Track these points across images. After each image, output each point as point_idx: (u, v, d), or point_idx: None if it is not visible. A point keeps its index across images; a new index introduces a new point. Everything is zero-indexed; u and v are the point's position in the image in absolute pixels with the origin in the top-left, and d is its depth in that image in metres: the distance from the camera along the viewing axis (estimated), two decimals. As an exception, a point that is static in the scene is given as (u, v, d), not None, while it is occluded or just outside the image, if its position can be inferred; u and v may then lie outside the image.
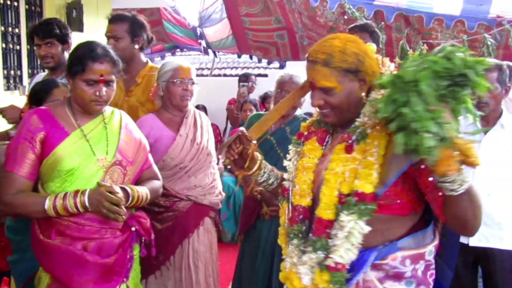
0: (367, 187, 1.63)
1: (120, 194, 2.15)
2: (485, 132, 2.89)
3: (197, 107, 6.90)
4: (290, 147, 2.01)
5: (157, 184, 2.48)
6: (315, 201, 1.79)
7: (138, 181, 2.39)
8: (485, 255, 2.89)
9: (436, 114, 1.44)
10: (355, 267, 1.68)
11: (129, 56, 3.11)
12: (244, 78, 7.32)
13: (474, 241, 2.87)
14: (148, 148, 2.48)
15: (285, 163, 2.00)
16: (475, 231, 1.65)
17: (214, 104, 7.53)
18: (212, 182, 3.08)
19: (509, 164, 2.84)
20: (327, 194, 1.71)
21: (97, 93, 2.16)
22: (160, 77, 2.97)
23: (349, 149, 1.73)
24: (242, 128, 1.97)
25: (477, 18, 5.36)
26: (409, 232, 1.74)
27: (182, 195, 2.91)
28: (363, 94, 1.75)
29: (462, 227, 1.64)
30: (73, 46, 2.39)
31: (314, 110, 1.97)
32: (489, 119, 2.92)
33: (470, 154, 1.45)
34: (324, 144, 1.89)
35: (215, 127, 7.13)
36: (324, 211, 1.71)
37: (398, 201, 1.67)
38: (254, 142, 1.97)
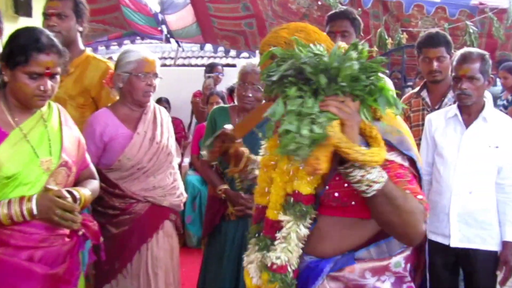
0: (305, 188, 1.66)
1: (70, 199, 2.10)
2: (467, 126, 2.93)
3: (159, 100, 6.84)
4: (262, 142, 2.01)
5: (96, 184, 2.44)
6: None
7: (76, 181, 2.34)
8: (466, 256, 2.94)
9: (318, 112, 1.42)
10: (310, 277, 1.69)
11: (71, 39, 3.02)
12: (210, 69, 7.27)
13: (455, 242, 2.91)
14: (85, 146, 2.43)
15: (258, 158, 2.03)
16: (414, 240, 1.61)
17: (177, 97, 7.47)
18: (173, 183, 3.04)
19: (491, 159, 2.88)
20: (274, 194, 1.75)
21: (42, 88, 2.09)
22: (121, 66, 2.90)
23: None
24: (227, 126, 2.06)
25: (458, 5, 5.44)
26: (371, 241, 1.71)
27: (139, 196, 2.86)
28: None
29: (393, 232, 1.63)
30: (6, 32, 2.30)
31: None
32: (471, 112, 2.96)
33: (349, 153, 1.42)
34: None
35: (178, 122, 7.07)
36: (271, 211, 1.76)
37: (353, 203, 1.65)
38: (238, 140, 2.05)
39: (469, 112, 2.96)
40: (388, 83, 2.63)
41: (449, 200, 2.91)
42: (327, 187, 1.66)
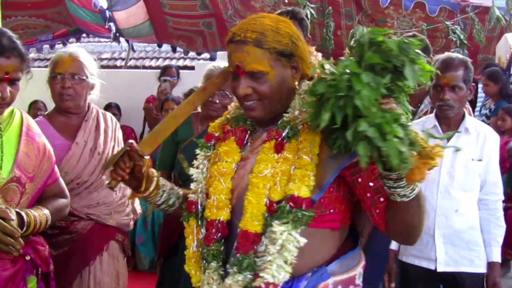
0: (304, 191, 1.64)
1: (15, 222, 2.04)
2: (448, 139, 2.94)
3: (109, 106, 6.74)
4: (197, 151, 1.98)
5: (62, 203, 2.41)
6: (234, 213, 1.79)
7: (39, 199, 2.30)
8: (453, 280, 2.96)
9: (396, 115, 1.48)
10: None
11: None
12: (163, 71, 7.21)
13: (442, 266, 2.92)
14: (53, 158, 2.39)
15: (191, 171, 1.96)
16: (418, 239, 1.74)
17: (129, 102, 7.38)
18: (121, 199, 2.98)
19: (475, 173, 2.91)
20: (254, 202, 1.70)
21: (0, 94, 2.07)
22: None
23: (279, 148, 1.73)
24: (131, 141, 1.86)
25: (439, 1, 5.52)
26: (338, 253, 1.77)
27: (81, 213, 2.81)
28: (296, 83, 1.77)
29: (407, 234, 1.73)
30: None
31: (231, 106, 1.97)
32: (451, 123, 2.98)
33: (436, 159, 1.50)
34: (243, 145, 1.87)
35: (130, 131, 6.98)
36: (251, 223, 1.69)
37: (332, 210, 1.71)
38: (147, 157, 1.85)
39: (448, 123, 2.98)
40: None
41: (434, 221, 2.91)
42: (321, 192, 1.66)
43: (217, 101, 3.21)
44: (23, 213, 2.11)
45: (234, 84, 1.77)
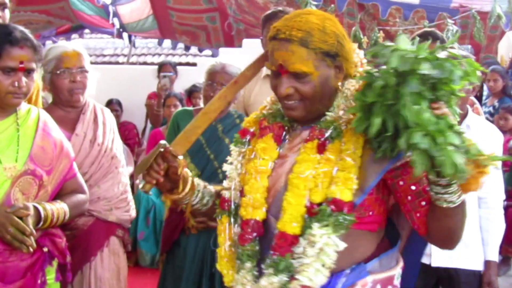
0: (347, 194, 1.60)
1: (32, 217, 2.10)
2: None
3: (110, 102, 6.75)
4: (231, 147, 1.94)
5: (81, 198, 2.45)
6: (270, 212, 1.75)
7: (59, 194, 2.34)
8: (448, 276, 2.97)
9: (449, 121, 1.46)
10: None
11: None
12: (159, 68, 7.20)
13: (437, 261, 2.94)
14: (72, 154, 2.43)
15: (226, 167, 1.92)
16: (458, 243, 1.74)
17: (131, 99, 7.38)
18: (122, 194, 2.99)
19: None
20: (294, 203, 1.66)
21: (16, 84, 2.13)
22: (44, 67, 2.87)
23: (321, 149, 1.70)
24: (163, 142, 1.81)
25: (438, 8, 5.54)
26: (376, 252, 1.75)
27: None
28: (339, 83, 1.73)
29: (449, 240, 1.73)
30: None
31: (266, 101, 1.93)
32: (455, 119, 3.00)
33: (488, 166, 1.48)
34: (280, 143, 1.84)
35: (131, 127, 6.99)
36: (289, 224, 1.65)
37: (370, 213, 1.69)
38: (181, 157, 1.82)
39: (452, 121, 3.00)
40: None
41: None
42: (364, 196, 1.64)
43: None
44: (40, 207, 2.16)
45: (276, 82, 1.73)
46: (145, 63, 11.19)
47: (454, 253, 2.90)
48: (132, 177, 5.37)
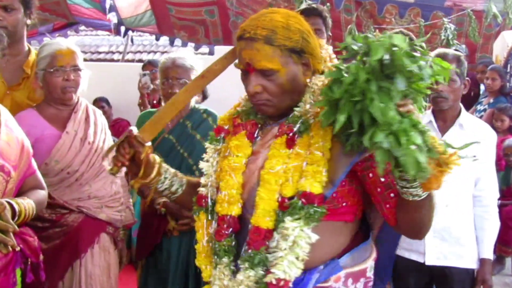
0: (316, 187, 1.64)
1: (8, 215, 2.05)
2: (442, 133, 2.99)
3: (97, 100, 6.73)
4: (207, 144, 1.98)
5: (43, 194, 2.41)
6: (245, 208, 1.79)
7: (20, 191, 2.30)
8: (442, 274, 2.98)
9: (413, 120, 1.48)
10: None
11: (19, 35, 2.97)
12: (143, 67, 7.14)
13: (430, 260, 2.95)
14: (31, 150, 2.39)
15: (201, 164, 1.97)
16: (426, 235, 1.78)
17: (126, 96, 7.34)
18: (115, 194, 2.99)
19: (469, 169, 2.94)
20: (266, 198, 1.70)
21: None
22: (37, 64, 2.87)
23: (290, 143, 1.74)
24: (132, 127, 1.92)
25: (432, 7, 5.57)
26: (350, 246, 1.78)
27: (72, 205, 2.82)
28: (308, 80, 1.77)
29: (417, 231, 1.75)
30: None
31: (240, 98, 1.96)
32: (447, 118, 3.01)
33: (452, 167, 1.50)
34: (253, 139, 1.88)
35: (125, 123, 6.96)
36: (263, 219, 1.70)
37: (344, 204, 1.72)
38: (148, 144, 1.92)
39: (444, 118, 3.01)
40: None
41: None
42: (334, 188, 1.68)
43: (177, 91, 3.12)
44: (13, 203, 2.12)
45: (245, 81, 1.77)
46: (140, 61, 11.16)
47: (447, 252, 2.93)
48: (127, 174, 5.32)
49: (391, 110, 1.46)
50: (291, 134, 1.74)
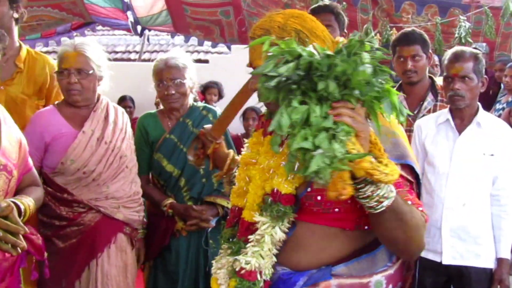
0: (284, 186, 1.68)
1: (16, 216, 2.00)
2: (460, 132, 2.98)
3: (123, 99, 6.78)
4: (246, 141, 2.05)
5: (40, 192, 2.40)
6: None
7: (18, 188, 2.29)
8: (459, 274, 2.97)
9: (326, 124, 1.40)
10: None
11: (5, 28, 2.88)
12: None
13: (447, 259, 2.94)
14: (27, 147, 2.38)
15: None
16: (415, 255, 1.71)
17: (143, 95, 7.38)
18: (134, 195, 2.98)
19: (486, 168, 2.93)
20: (252, 193, 1.79)
21: None
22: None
23: (281, 142, 1.72)
24: (206, 126, 2.34)
25: (449, 3, 5.53)
26: (352, 255, 1.73)
27: (89, 203, 2.81)
28: None
29: (395, 249, 1.70)
30: None
31: None
32: (464, 116, 3.00)
33: (374, 174, 1.42)
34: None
35: (142, 123, 7.02)
36: (248, 212, 1.80)
37: (336, 209, 1.68)
38: (219, 140, 2.32)
39: (462, 117, 3.00)
40: None
41: (441, 214, 2.94)
42: (309, 188, 1.67)
43: (173, 92, 3.15)
44: (18, 202, 2.09)
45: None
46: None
47: (464, 251, 2.92)
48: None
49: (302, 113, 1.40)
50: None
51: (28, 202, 2.18)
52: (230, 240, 1.91)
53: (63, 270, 2.73)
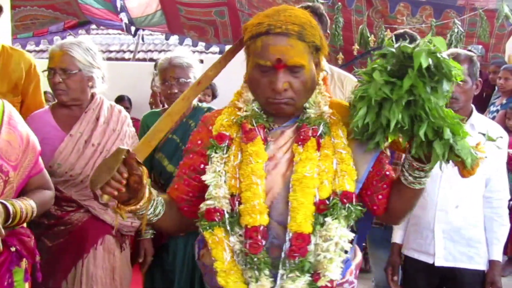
0: (352, 185, 1.72)
1: (1, 214, 2.01)
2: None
3: (121, 99, 6.74)
4: (211, 154, 1.84)
5: (48, 195, 2.38)
6: (271, 217, 1.76)
7: (24, 190, 2.27)
8: (452, 276, 2.96)
9: (458, 116, 1.68)
10: None
11: None
12: (155, 66, 7.18)
13: (440, 261, 2.93)
14: (38, 148, 2.37)
15: (206, 176, 1.82)
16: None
17: (137, 95, 7.41)
18: None
19: (480, 170, 2.93)
20: (305, 203, 1.71)
21: None
22: None
23: (318, 146, 1.76)
24: (123, 147, 1.63)
25: (444, 5, 5.56)
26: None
27: (79, 201, 2.79)
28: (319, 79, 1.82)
29: (403, 217, 1.94)
30: None
31: (232, 103, 1.92)
32: (458, 119, 3.01)
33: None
34: (265, 144, 1.84)
35: (137, 124, 6.99)
36: (305, 224, 1.71)
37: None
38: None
39: (455, 119, 3.01)
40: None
41: (434, 215, 2.93)
42: (360, 185, 1.79)
43: (176, 91, 3.12)
44: (8, 204, 2.07)
45: (270, 79, 1.73)
46: (151, 60, 11.21)
47: (457, 253, 2.93)
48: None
49: (443, 107, 1.63)
50: (316, 136, 1.77)
51: (23, 205, 2.15)
52: (268, 264, 1.73)
53: (51, 269, 2.70)
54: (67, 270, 2.79)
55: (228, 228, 1.77)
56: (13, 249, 2.15)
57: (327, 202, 1.72)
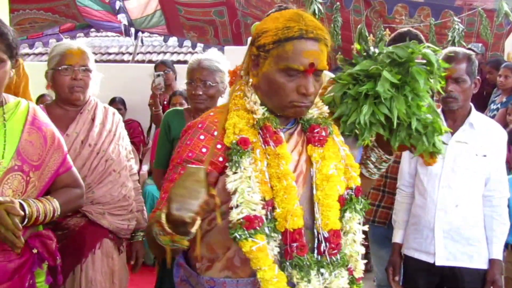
0: (359, 180, 1.85)
1: (17, 218, 2.01)
2: (452, 133, 2.99)
3: (113, 100, 6.75)
4: (237, 159, 1.72)
5: (75, 193, 2.40)
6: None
7: (50, 188, 2.29)
8: (452, 275, 2.97)
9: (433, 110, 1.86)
10: None
11: None
12: (155, 68, 7.16)
13: (440, 260, 2.94)
14: (65, 147, 2.38)
15: (230, 184, 1.69)
16: None
17: (136, 97, 7.38)
18: (123, 200, 2.91)
19: (479, 169, 2.93)
20: (334, 200, 1.77)
21: None
22: (48, 63, 2.88)
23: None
24: (201, 167, 1.52)
25: (442, 6, 5.57)
26: None
27: None
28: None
29: None
30: None
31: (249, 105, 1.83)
32: (457, 117, 2.99)
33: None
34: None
35: (136, 125, 6.98)
36: (336, 221, 1.77)
37: None
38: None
39: (454, 118, 2.99)
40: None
41: (434, 215, 2.94)
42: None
43: (201, 93, 3.14)
44: (24, 204, 2.09)
45: (299, 82, 1.74)
46: (150, 61, 11.21)
47: (457, 252, 2.93)
48: (137, 174, 5.34)
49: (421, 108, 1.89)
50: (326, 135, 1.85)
51: (43, 204, 2.17)
52: (316, 264, 1.73)
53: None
54: (65, 275, 2.72)
55: (268, 233, 1.70)
56: (35, 250, 2.17)
57: (345, 197, 1.81)
